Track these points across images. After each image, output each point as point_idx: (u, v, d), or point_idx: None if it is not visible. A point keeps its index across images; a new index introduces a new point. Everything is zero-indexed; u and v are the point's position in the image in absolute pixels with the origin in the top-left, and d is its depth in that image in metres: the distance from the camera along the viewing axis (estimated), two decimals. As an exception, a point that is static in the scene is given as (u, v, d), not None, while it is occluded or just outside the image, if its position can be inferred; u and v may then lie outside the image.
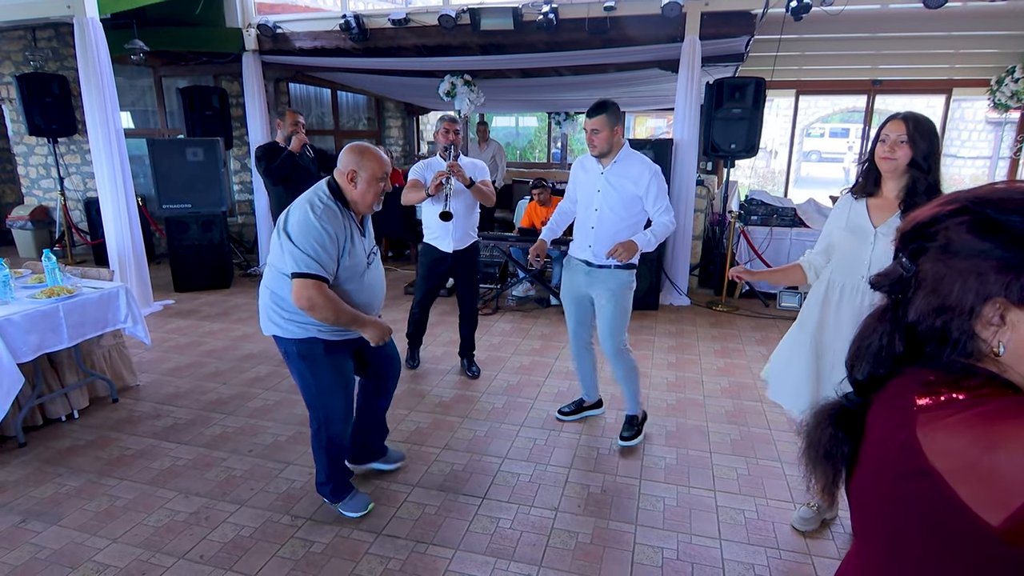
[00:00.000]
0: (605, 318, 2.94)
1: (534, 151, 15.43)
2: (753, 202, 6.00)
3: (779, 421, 3.32)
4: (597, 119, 2.76)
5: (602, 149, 2.81)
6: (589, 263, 2.95)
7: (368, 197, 2.22)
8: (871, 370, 0.78)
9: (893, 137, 1.95)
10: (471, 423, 3.30)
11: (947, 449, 0.63)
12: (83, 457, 2.94)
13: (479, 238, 4.03)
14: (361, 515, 2.46)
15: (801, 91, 8.37)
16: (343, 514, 2.47)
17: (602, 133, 2.77)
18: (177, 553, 2.25)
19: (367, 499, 2.53)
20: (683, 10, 4.96)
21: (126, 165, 4.99)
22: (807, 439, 0.86)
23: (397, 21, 5.80)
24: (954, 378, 0.68)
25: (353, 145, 2.24)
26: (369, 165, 2.19)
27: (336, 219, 2.15)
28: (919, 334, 0.73)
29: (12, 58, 7.21)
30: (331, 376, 2.32)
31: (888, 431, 0.71)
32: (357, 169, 2.19)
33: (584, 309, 3.10)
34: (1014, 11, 5.46)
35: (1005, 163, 7.94)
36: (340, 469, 2.48)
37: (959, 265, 0.67)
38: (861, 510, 0.81)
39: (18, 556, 2.23)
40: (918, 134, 1.92)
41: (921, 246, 0.72)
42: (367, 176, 2.19)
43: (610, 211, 2.86)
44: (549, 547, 2.30)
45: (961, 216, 0.68)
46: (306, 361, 2.28)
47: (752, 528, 2.42)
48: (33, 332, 2.91)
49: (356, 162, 2.19)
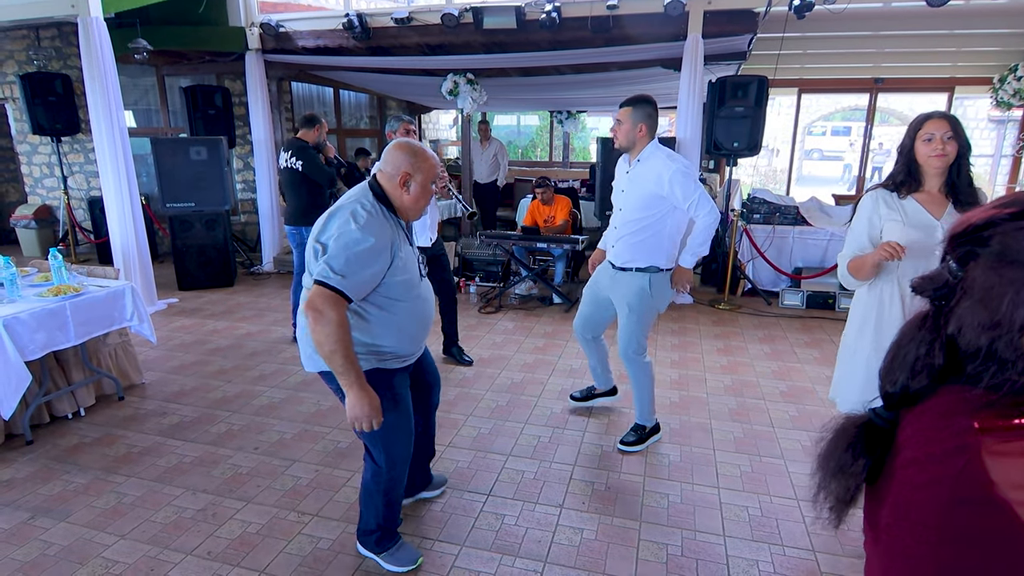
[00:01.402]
0: (621, 325, 2.94)
1: (536, 150, 15.43)
2: (755, 200, 6.00)
3: (782, 419, 3.33)
4: (623, 110, 2.75)
5: (622, 143, 2.80)
6: (612, 264, 2.93)
7: (421, 203, 1.95)
8: (906, 383, 0.71)
9: (940, 135, 1.98)
10: (475, 421, 3.31)
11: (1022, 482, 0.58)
12: (90, 454, 2.95)
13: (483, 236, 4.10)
14: (408, 571, 2.13)
15: (803, 89, 8.37)
16: (387, 568, 2.13)
17: (624, 125, 2.75)
18: (185, 549, 2.27)
19: (416, 552, 2.19)
20: (686, 8, 4.97)
21: (130, 164, 5.01)
22: (822, 451, 0.80)
23: (400, 20, 5.81)
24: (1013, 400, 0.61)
25: (403, 143, 1.93)
26: (424, 167, 1.91)
27: (383, 227, 1.83)
28: (960, 348, 0.67)
29: (15, 57, 7.23)
30: (396, 412, 2.01)
31: (936, 453, 0.65)
32: (412, 172, 1.89)
33: (599, 307, 3.09)
34: (1016, 9, 5.46)
35: (1007, 161, 7.94)
36: (395, 515, 2.16)
37: (1013, 275, 0.60)
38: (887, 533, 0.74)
39: (27, 552, 2.25)
40: (959, 130, 1.99)
41: (972, 250, 0.65)
42: (422, 179, 1.91)
43: (629, 211, 2.83)
44: (554, 543, 2.31)
45: (1021, 220, 0.62)
46: None
47: (756, 524, 2.43)
48: (40, 330, 2.93)
49: (410, 163, 1.88)
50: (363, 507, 2.16)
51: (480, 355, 4.29)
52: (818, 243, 5.72)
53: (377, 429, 1.91)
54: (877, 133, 11.78)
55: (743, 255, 5.83)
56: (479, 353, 4.32)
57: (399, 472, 2.09)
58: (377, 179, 1.94)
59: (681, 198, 2.70)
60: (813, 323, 5.09)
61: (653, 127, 2.79)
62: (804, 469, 2.82)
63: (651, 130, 2.78)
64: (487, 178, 8.23)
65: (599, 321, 3.16)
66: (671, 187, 2.69)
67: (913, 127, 2.07)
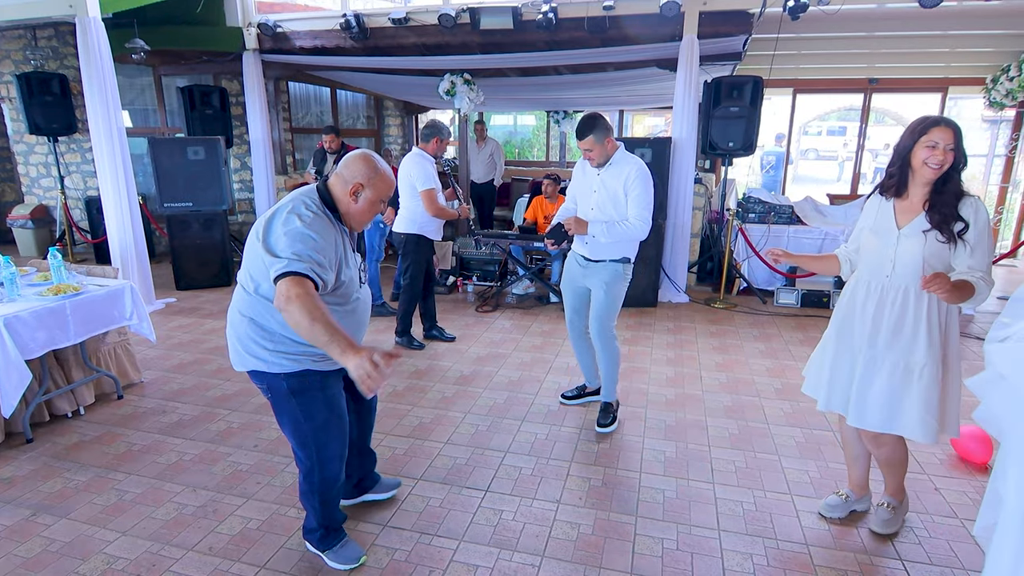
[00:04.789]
0: (596, 304, 3.15)
1: (532, 149, 15.45)
2: (751, 200, 6.05)
3: (776, 416, 3.37)
4: (586, 141, 2.96)
5: (600, 162, 3.03)
6: (587, 258, 3.14)
7: (367, 216, 1.98)
8: None
9: (943, 145, 1.96)
10: (473, 418, 3.34)
11: None
12: (90, 452, 2.97)
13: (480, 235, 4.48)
14: (350, 569, 2.15)
15: (798, 90, 8.41)
16: (330, 565, 2.16)
17: (594, 151, 2.98)
18: (186, 545, 2.29)
19: (359, 550, 2.22)
20: (681, 9, 5.01)
21: (128, 163, 5.02)
22: None
23: (397, 20, 5.84)
24: None
25: (364, 155, 1.96)
26: (380, 185, 1.94)
27: (328, 230, 1.85)
28: None
29: (12, 57, 7.23)
30: (326, 412, 2.01)
31: None
32: (365, 184, 1.92)
33: (580, 299, 3.28)
34: (1009, 10, 5.51)
35: (1000, 161, 8.00)
36: (333, 514, 2.19)
37: None
38: None
39: (30, 548, 2.27)
40: (960, 143, 1.97)
41: None
42: (373, 197, 1.94)
43: (601, 210, 3.04)
44: (551, 538, 2.34)
45: None
46: (298, 398, 1.97)
47: (750, 519, 2.46)
48: (41, 329, 2.95)
49: (367, 177, 1.92)
50: (304, 506, 2.20)
51: (478, 353, 4.32)
52: (813, 242, 5.76)
53: (306, 430, 1.98)
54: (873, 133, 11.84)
55: (738, 254, 5.87)
56: (477, 352, 4.36)
57: (331, 472, 2.09)
58: (328, 183, 1.96)
59: (634, 198, 2.95)
60: (808, 321, 5.13)
61: (611, 132, 3.02)
62: (798, 464, 2.86)
63: (612, 135, 3.02)
64: (483, 178, 8.25)
65: (582, 308, 3.33)
66: (630, 185, 2.95)
67: (917, 130, 2.01)
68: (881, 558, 2.24)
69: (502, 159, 8.44)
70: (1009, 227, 7.99)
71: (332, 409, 2.04)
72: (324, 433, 2.03)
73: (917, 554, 2.26)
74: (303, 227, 1.78)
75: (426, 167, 4.08)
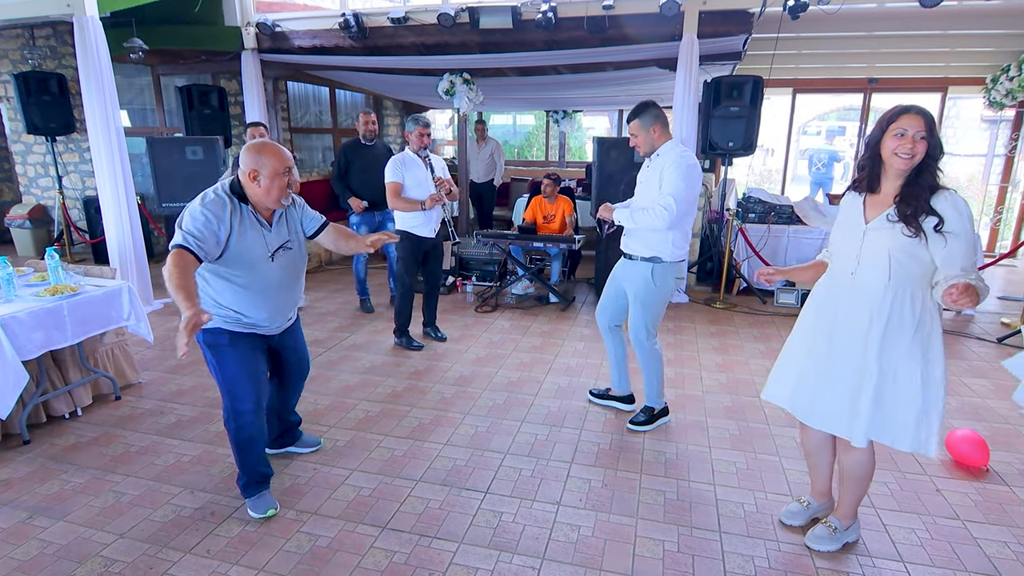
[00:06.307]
0: (631, 314, 3.15)
1: (532, 149, 15.44)
2: (750, 200, 6.04)
3: (777, 416, 3.36)
4: (632, 125, 2.94)
5: (645, 150, 2.99)
6: (623, 253, 3.14)
7: (273, 193, 2.26)
8: None
9: (912, 132, 1.83)
10: (473, 419, 3.32)
11: None
12: (87, 454, 2.96)
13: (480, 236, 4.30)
14: (260, 517, 2.44)
15: (798, 89, 8.41)
16: (249, 513, 2.47)
17: (638, 136, 2.95)
18: (184, 548, 2.27)
19: (271, 502, 2.50)
20: (681, 9, 4.99)
21: (126, 163, 5.00)
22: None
23: (396, 19, 5.82)
24: None
25: (251, 144, 2.27)
26: (269, 162, 2.23)
27: (222, 209, 2.21)
28: None
29: (10, 56, 7.20)
30: (236, 366, 2.37)
31: None
32: (258, 167, 2.22)
33: (616, 293, 3.25)
34: (1009, 10, 5.51)
35: (1000, 160, 8.00)
36: (250, 463, 2.47)
37: None
38: None
39: (26, 551, 2.25)
40: (932, 129, 1.84)
41: None
42: (268, 172, 2.23)
43: (640, 203, 3.01)
44: (552, 540, 2.33)
45: None
46: (212, 350, 2.36)
47: (751, 521, 2.45)
48: (38, 330, 2.93)
49: (255, 160, 2.22)
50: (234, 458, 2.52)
51: (477, 354, 4.30)
52: (812, 242, 5.75)
53: (220, 379, 2.38)
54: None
55: (738, 254, 5.86)
56: (476, 352, 4.34)
57: (244, 422, 2.41)
58: (238, 177, 2.30)
59: (665, 184, 2.87)
60: (808, 322, 5.11)
61: (664, 123, 2.95)
62: (798, 465, 2.85)
63: (664, 126, 2.95)
64: (483, 178, 8.24)
65: (616, 309, 3.30)
66: (665, 169, 2.87)
67: (886, 119, 1.90)
68: (883, 560, 2.23)
69: (503, 159, 8.43)
70: (1009, 227, 8.00)
71: (243, 366, 2.38)
72: (236, 386, 2.38)
73: (919, 556, 2.25)
74: (199, 206, 2.18)
75: (394, 163, 4.17)
